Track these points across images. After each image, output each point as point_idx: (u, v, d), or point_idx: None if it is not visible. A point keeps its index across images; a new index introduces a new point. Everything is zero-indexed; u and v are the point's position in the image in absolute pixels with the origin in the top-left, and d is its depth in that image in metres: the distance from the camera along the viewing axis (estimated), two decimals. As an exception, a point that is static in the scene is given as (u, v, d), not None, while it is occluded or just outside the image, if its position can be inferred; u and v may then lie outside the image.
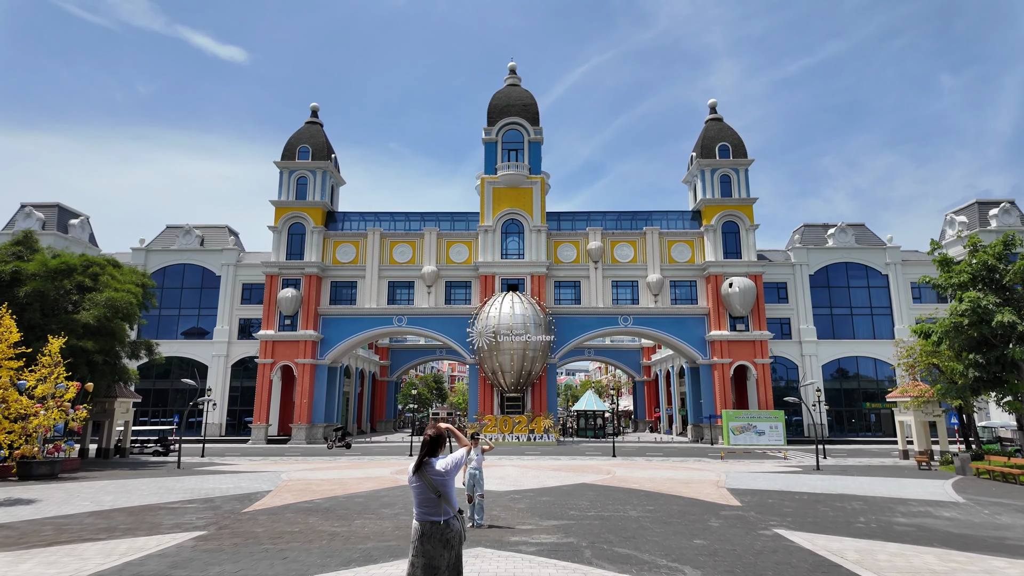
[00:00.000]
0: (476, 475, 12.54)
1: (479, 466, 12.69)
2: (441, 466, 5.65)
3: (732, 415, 45.91)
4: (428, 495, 5.56)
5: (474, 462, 12.65)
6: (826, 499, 17.19)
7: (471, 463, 12.64)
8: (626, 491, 18.87)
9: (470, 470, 12.60)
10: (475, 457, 12.69)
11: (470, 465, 12.65)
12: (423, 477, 5.60)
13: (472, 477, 12.52)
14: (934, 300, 52.01)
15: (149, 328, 51.23)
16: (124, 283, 28.99)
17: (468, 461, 12.69)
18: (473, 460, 12.66)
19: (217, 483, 20.95)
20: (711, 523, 13.27)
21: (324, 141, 51.80)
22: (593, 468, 26.71)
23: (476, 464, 12.65)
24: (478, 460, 12.72)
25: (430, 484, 5.56)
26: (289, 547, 10.84)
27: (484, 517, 12.68)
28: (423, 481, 5.60)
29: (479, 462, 12.72)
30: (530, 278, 49.13)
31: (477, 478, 12.51)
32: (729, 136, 52.05)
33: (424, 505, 5.58)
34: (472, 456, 12.70)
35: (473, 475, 12.53)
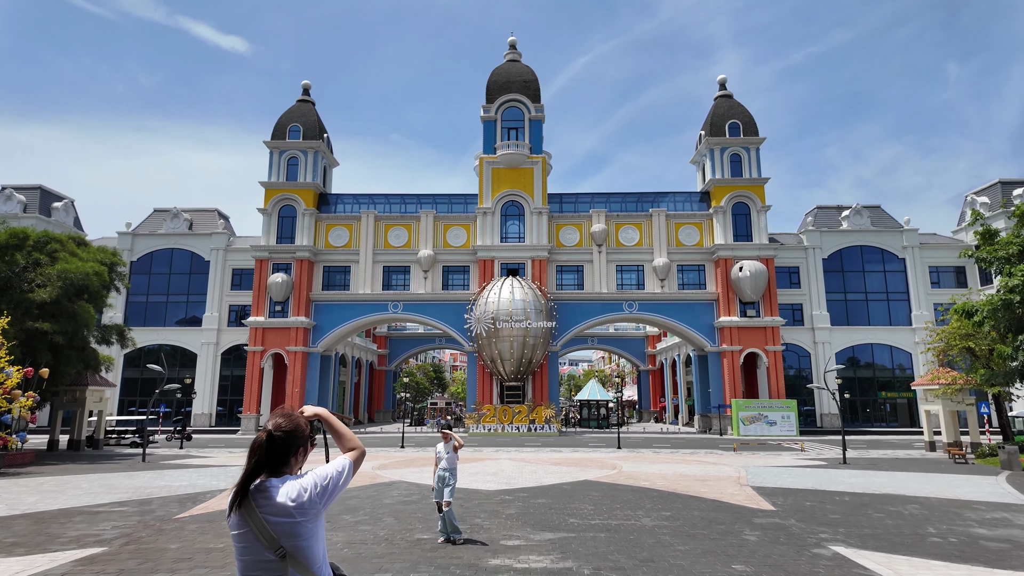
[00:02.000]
0: (446, 477, 9.68)
1: (451, 466, 9.83)
2: (288, 494, 2.70)
3: (742, 404, 42.99)
4: (260, 556, 2.61)
5: (444, 461, 9.80)
6: (873, 501, 14.26)
7: (440, 462, 9.78)
8: (635, 490, 15.99)
9: (439, 472, 9.76)
10: (445, 455, 9.83)
11: (439, 466, 9.79)
12: (249, 518, 2.68)
13: (441, 480, 9.68)
14: (953, 284, 48.89)
15: (136, 314, 48.67)
16: (86, 260, 26.19)
17: (437, 460, 9.82)
18: (443, 459, 9.79)
19: (171, 480, 18.18)
20: (746, 536, 10.36)
21: (316, 120, 48.84)
22: (597, 462, 23.84)
23: (447, 464, 9.80)
24: (449, 459, 9.86)
25: (262, 532, 2.63)
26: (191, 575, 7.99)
27: (457, 529, 9.75)
28: (250, 525, 2.67)
29: (451, 462, 9.85)
30: (531, 262, 46.18)
31: (447, 481, 9.66)
32: (739, 113, 48.82)
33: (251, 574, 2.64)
34: (442, 454, 9.83)
35: (443, 478, 9.68)
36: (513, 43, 51.46)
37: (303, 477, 2.78)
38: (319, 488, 2.74)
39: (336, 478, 2.82)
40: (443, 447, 9.90)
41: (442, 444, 9.99)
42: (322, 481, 2.77)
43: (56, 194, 50.35)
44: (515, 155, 46.68)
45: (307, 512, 2.69)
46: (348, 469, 2.88)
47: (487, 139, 47.92)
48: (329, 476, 2.80)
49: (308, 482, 2.75)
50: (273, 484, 2.73)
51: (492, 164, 47.14)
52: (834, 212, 52.40)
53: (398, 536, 10.35)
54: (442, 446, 9.95)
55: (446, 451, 9.85)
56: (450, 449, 9.87)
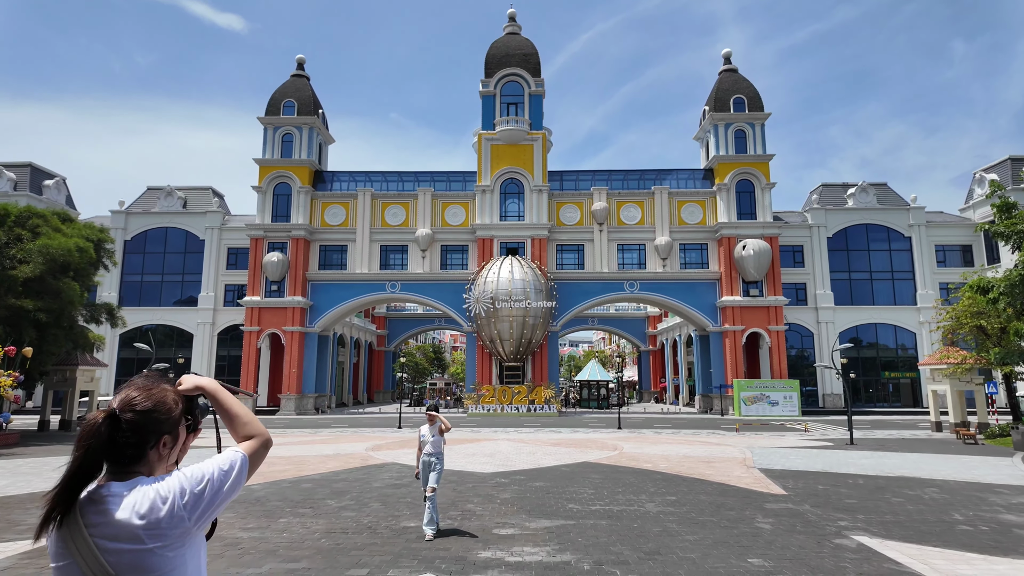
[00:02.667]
0: (432, 463, 8.78)
1: (437, 451, 8.91)
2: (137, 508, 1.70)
3: (744, 385, 42.24)
4: None
5: (429, 446, 8.88)
6: (889, 485, 13.43)
7: (424, 447, 8.87)
8: (638, 472, 15.19)
9: (424, 457, 8.85)
10: (431, 439, 8.92)
11: (424, 450, 8.88)
12: (73, 543, 1.72)
13: (427, 467, 8.78)
14: (959, 264, 47.87)
15: (131, 294, 47.82)
16: (70, 236, 25.21)
17: (421, 444, 8.91)
18: (428, 443, 8.88)
19: (155, 462, 17.38)
20: (759, 524, 9.52)
21: (311, 95, 47.43)
22: (597, 443, 23.08)
23: (433, 448, 8.88)
24: (435, 443, 8.93)
25: (92, 565, 1.68)
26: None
27: (433, 520, 8.64)
28: (73, 555, 1.71)
29: (436, 446, 8.93)
30: (530, 241, 45.12)
31: (434, 466, 8.76)
32: (744, 88, 47.34)
33: None
34: (426, 437, 8.91)
35: (429, 463, 8.78)
36: (512, 15, 49.80)
37: (164, 481, 1.82)
38: (188, 497, 1.79)
39: (218, 481, 1.85)
40: (428, 430, 8.98)
41: (427, 427, 9.07)
42: (194, 486, 1.81)
43: (47, 172, 49.15)
44: (515, 131, 45.35)
45: (165, 534, 1.73)
46: (239, 467, 1.92)
47: (486, 115, 46.54)
48: (206, 478, 1.84)
49: (170, 488, 1.79)
50: (114, 492, 1.77)
51: (491, 141, 45.83)
52: (839, 190, 51.15)
53: (383, 524, 9.52)
54: (427, 429, 9.03)
55: (431, 434, 8.92)
56: (436, 432, 8.95)
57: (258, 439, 2.05)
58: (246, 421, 2.06)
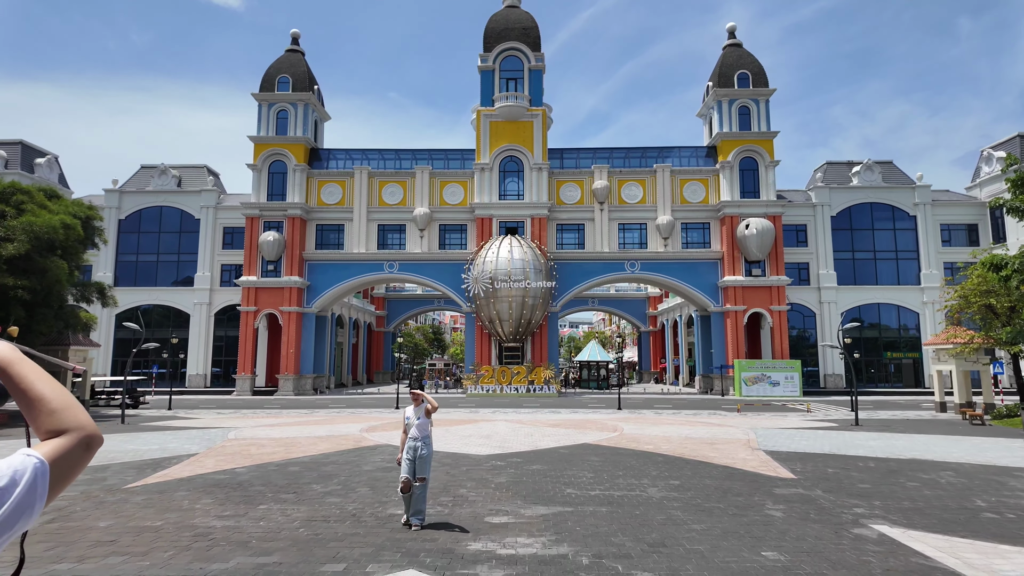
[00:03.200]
0: (419, 448, 8.03)
1: (423, 435, 8.16)
2: None
3: (745, 365, 41.68)
4: None
5: (414, 429, 8.10)
6: (902, 468, 12.80)
7: (410, 430, 8.13)
8: (639, 455, 14.58)
9: (410, 442, 8.08)
10: (416, 421, 8.15)
11: (409, 434, 8.14)
12: None
13: (413, 452, 8.01)
14: (964, 243, 47.02)
15: (126, 274, 47.12)
16: (56, 213, 24.39)
17: (406, 427, 8.20)
18: (413, 426, 8.12)
19: (142, 444, 16.83)
20: (770, 511, 8.88)
21: (306, 71, 46.16)
22: (597, 424, 22.51)
23: (419, 432, 8.11)
24: (421, 426, 8.16)
25: None
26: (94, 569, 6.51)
27: (421, 512, 7.92)
28: None
29: (423, 429, 8.17)
30: (530, 220, 44.21)
31: (421, 454, 8.01)
32: (749, 63, 46.02)
33: None
34: (411, 420, 8.16)
35: (415, 448, 8.02)
36: (512, -12, 48.21)
37: None
38: None
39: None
40: (413, 411, 8.21)
41: (411, 408, 8.30)
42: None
43: (39, 150, 48.09)
44: (514, 107, 44.17)
45: None
46: (26, 484, 1.16)
47: (485, 91, 45.31)
48: None
49: None
50: None
51: (490, 117, 44.67)
52: (844, 168, 50.07)
53: (368, 511, 8.89)
54: (411, 410, 8.26)
55: (417, 416, 8.16)
56: (421, 414, 8.17)
57: (72, 436, 1.29)
58: (55, 408, 1.30)
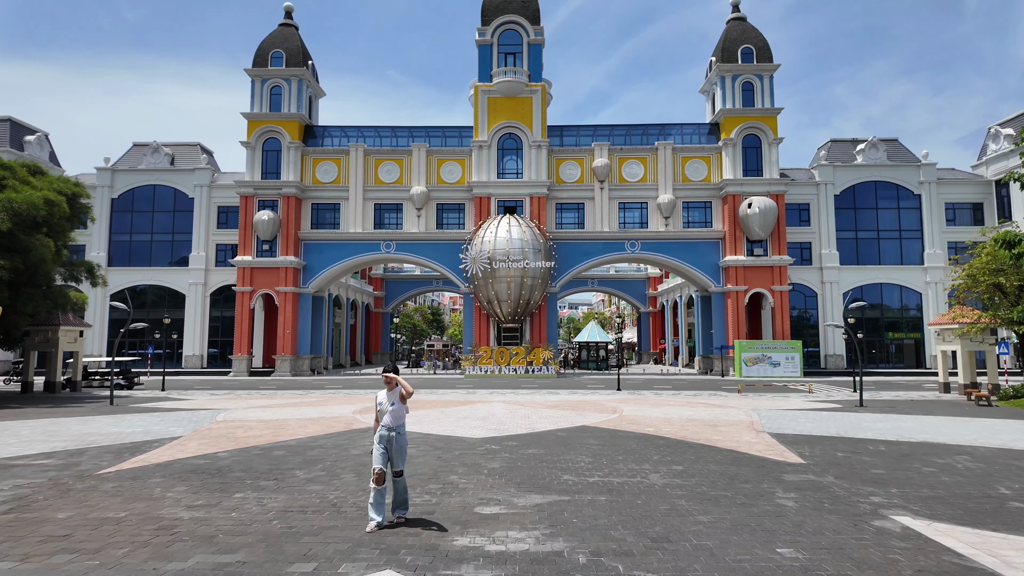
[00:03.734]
0: (391, 438, 7.18)
1: (397, 423, 7.26)
2: None
3: (745, 346, 41.12)
4: None
5: (387, 416, 7.23)
6: (914, 451, 12.18)
7: (382, 417, 7.28)
8: (640, 438, 13.96)
9: (382, 431, 7.21)
10: (389, 408, 7.27)
11: (382, 421, 7.28)
12: None
13: (385, 442, 7.16)
14: (969, 222, 46.17)
15: (120, 254, 46.33)
16: (40, 188, 23.53)
17: (379, 414, 7.39)
18: (386, 413, 7.26)
19: (127, 425, 16.22)
20: (781, 499, 8.24)
21: (299, 46, 44.84)
22: (596, 405, 21.93)
23: (392, 420, 7.23)
24: (395, 413, 7.28)
25: None
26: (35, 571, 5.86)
27: (405, 503, 7.26)
28: None
29: (397, 416, 7.27)
30: (529, 200, 43.30)
31: (393, 442, 7.17)
32: (753, 38, 44.69)
33: None
34: (384, 406, 7.31)
35: (386, 437, 7.17)
36: (510, -40, 46.62)
37: None
38: None
39: None
40: (386, 396, 7.33)
41: (384, 392, 7.31)
42: None
43: (28, 127, 46.95)
44: (513, 83, 42.96)
45: None
46: None
47: (483, 66, 44.05)
48: None
49: None
50: None
51: (488, 93, 43.49)
52: (848, 146, 48.97)
53: (350, 500, 8.25)
54: (384, 395, 7.30)
55: (390, 402, 7.22)
56: (396, 399, 7.27)
57: None
58: None
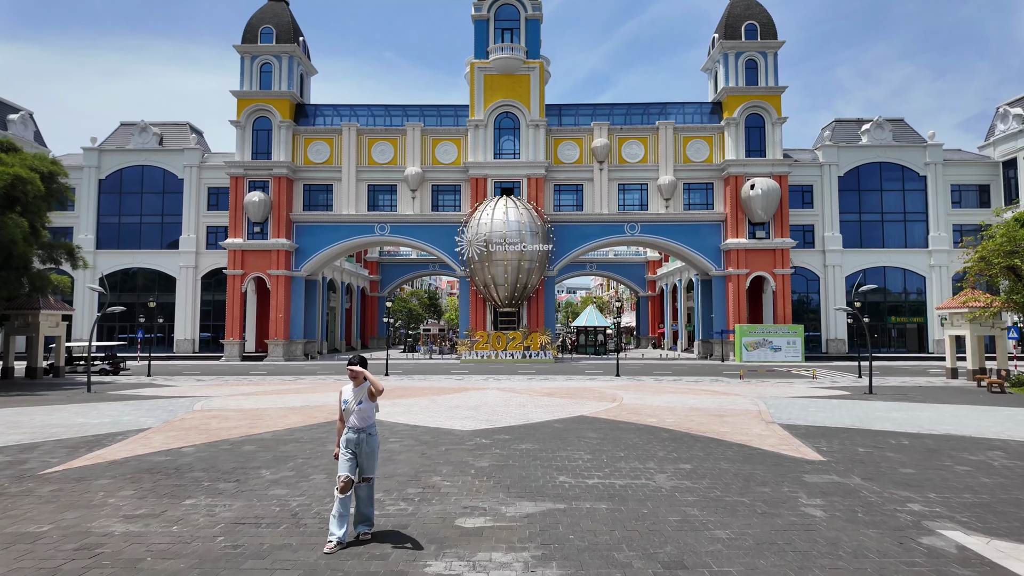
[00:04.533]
0: (360, 440, 6.08)
1: (366, 423, 6.09)
2: None
3: (746, 330, 40.10)
4: None
5: (354, 417, 6.09)
6: (941, 446, 11.11)
7: (348, 417, 6.14)
8: (642, 430, 12.89)
9: (349, 433, 6.08)
10: (356, 406, 6.12)
11: (348, 422, 6.14)
12: None
13: (353, 446, 6.04)
14: (975, 204, 44.98)
15: (109, 236, 45.01)
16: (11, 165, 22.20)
17: (344, 413, 6.23)
18: (353, 413, 6.10)
19: (94, 417, 15.12)
20: (807, 508, 7.16)
21: (290, 21, 43.09)
22: (595, 392, 20.88)
23: (360, 421, 6.06)
24: (363, 412, 6.07)
25: None
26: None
27: (369, 518, 6.13)
28: None
29: (365, 416, 6.11)
30: (526, 181, 41.93)
31: (362, 446, 6.07)
32: (757, 14, 43.01)
33: None
34: (350, 404, 6.14)
35: (355, 441, 6.05)
36: (507, -68, 44.69)
37: None
38: None
39: None
40: (352, 393, 6.21)
41: (350, 388, 6.15)
42: None
43: (12, 105, 45.31)
44: (510, 60, 41.36)
45: None
46: None
47: (479, 42, 42.39)
48: None
49: None
50: None
51: (484, 70, 41.90)
52: (853, 126, 47.52)
53: (313, 509, 7.15)
54: (350, 391, 6.12)
55: (357, 399, 6.10)
56: (363, 396, 6.13)
57: None
58: None
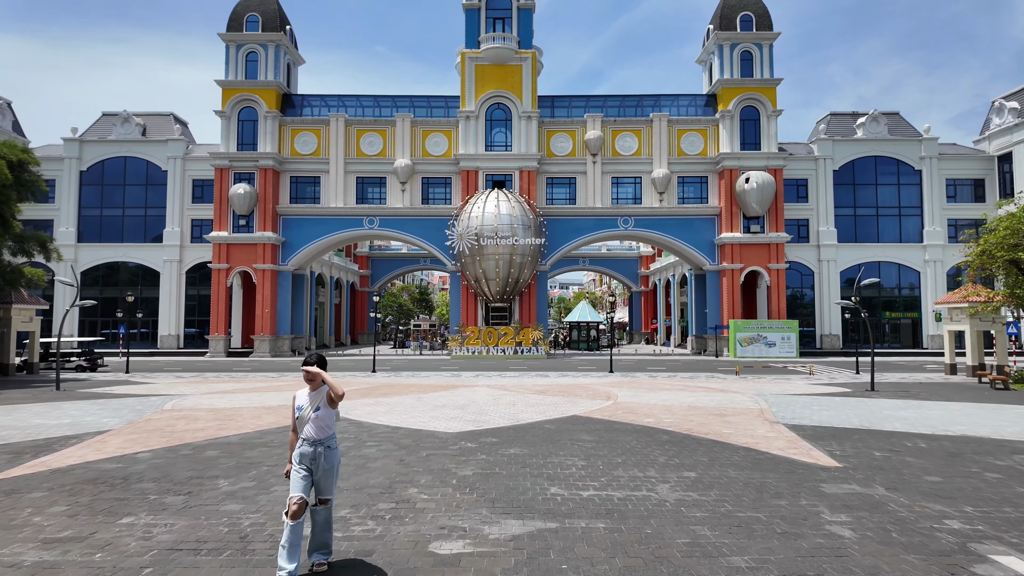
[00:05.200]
0: (318, 455, 5.03)
1: (323, 435, 5.06)
2: None
3: (740, 325, 39.35)
4: None
5: (309, 426, 5.02)
6: (961, 450, 10.25)
7: (303, 426, 5.05)
8: (639, 432, 11.96)
9: (303, 447, 5.03)
10: (312, 413, 5.05)
11: (302, 433, 5.07)
12: None
13: (308, 461, 5.01)
14: (970, 199, 44.38)
15: (91, 230, 43.58)
16: (-26, 153, 20.94)
17: (297, 421, 5.13)
18: (308, 421, 5.05)
19: (53, 418, 14.03)
20: (832, 526, 6.24)
21: (277, 9, 41.74)
22: (588, 389, 19.95)
23: (316, 431, 5.03)
24: (319, 422, 5.04)
25: None
26: None
27: (327, 545, 5.13)
28: None
29: (322, 426, 5.05)
30: (518, 174, 40.89)
31: (320, 461, 5.05)
32: (752, 4, 42.10)
33: None
34: (305, 410, 5.08)
35: (309, 455, 5.01)
36: (499, -81, 43.49)
37: None
38: None
39: None
40: (307, 398, 5.10)
41: (305, 393, 5.15)
42: None
43: (-12, 95, 43.75)
44: (501, 50, 40.23)
45: None
46: None
47: (470, 31, 41.23)
48: None
49: None
50: None
51: (475, 60, 40.75)
52: (848, 119, 46.77)
53: (267, 529, 6.15)
54: (305, 396, 5.12)
55: (313, 406, 5.04)
56: (321, 402, 5.05)
57: None
58: None
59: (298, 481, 4.95)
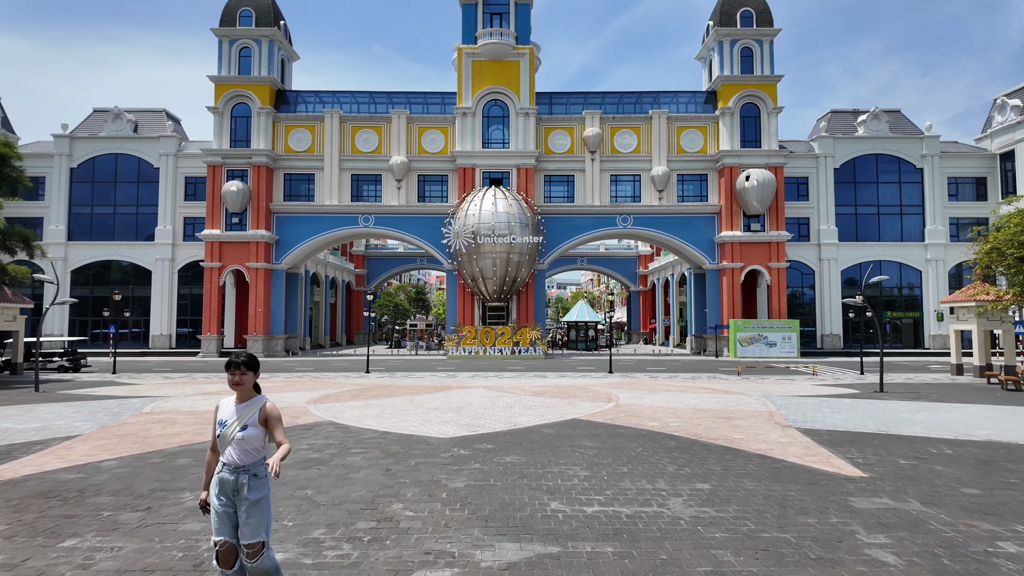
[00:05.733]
0: (241, 486, 3.92)
1: (248, 460, 3.94)
2: None
3: (740, 325, 38.63)
4: None
5: (232, 448, 3.93)
6: (992, 457, 9.48)
7: (226, 446, 3.98)
8: (644, 437, 11.17)
9: (224, 473, 3.94)
10: (239, 432, 3.93)
11: (224, 456, 3.98)
12: None
13: (229, 492, 3.94)
14: (972, 197, 43.72)
15: (82, 228, 42.66)
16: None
17: (220, 440, 4.03)
18: (230, 443, 3.94)
19: (24, 420, 13.18)
20: (874, 551, 5.45)
21: (270, 4, 40.85)
22: (588, 391, 19.16)
23: (240, 455, 3.92)
24: (245, 441, 3.92)
25: None
26: None
27: None
28: None
29: (249, 445, 3.93)
30: (516, 171, 40.09)
31: (243, 494, 3.90)
32: (753, 0, 41.37)
33: None
34: (231, 428, 3.97)
35: (231, 484, 3.93)
36: (497, -87, 42.71)
37: None
38: None
39: None
40: (233, 409, 4.03)
41: (231, 402, 4.09)
42: None
43: (-23, 90, 42.75)
44: (499, 45, 39.43)
45: None
46: None
47: (467, 27, 40.41)
48: None
49: None
50: None
51: (472, 56, 39.94)
52: (849, 117, 46.07)
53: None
54: (231, 407, 4.06)
55: (240, 422, 3.97)
56: (253, 417, 3.98)
57: None
58: None
59: (221, 518, 3.91)
